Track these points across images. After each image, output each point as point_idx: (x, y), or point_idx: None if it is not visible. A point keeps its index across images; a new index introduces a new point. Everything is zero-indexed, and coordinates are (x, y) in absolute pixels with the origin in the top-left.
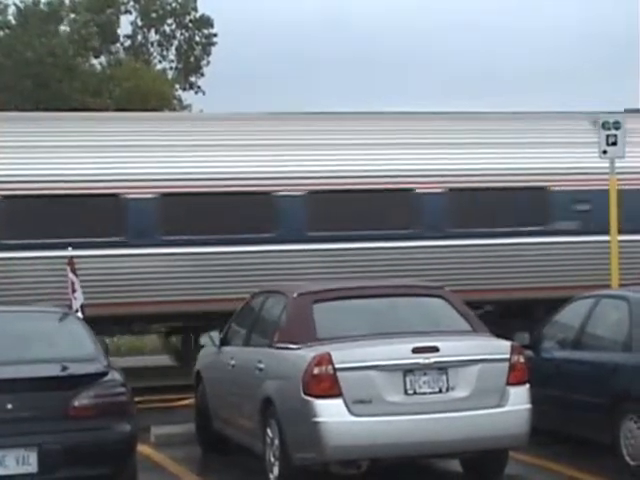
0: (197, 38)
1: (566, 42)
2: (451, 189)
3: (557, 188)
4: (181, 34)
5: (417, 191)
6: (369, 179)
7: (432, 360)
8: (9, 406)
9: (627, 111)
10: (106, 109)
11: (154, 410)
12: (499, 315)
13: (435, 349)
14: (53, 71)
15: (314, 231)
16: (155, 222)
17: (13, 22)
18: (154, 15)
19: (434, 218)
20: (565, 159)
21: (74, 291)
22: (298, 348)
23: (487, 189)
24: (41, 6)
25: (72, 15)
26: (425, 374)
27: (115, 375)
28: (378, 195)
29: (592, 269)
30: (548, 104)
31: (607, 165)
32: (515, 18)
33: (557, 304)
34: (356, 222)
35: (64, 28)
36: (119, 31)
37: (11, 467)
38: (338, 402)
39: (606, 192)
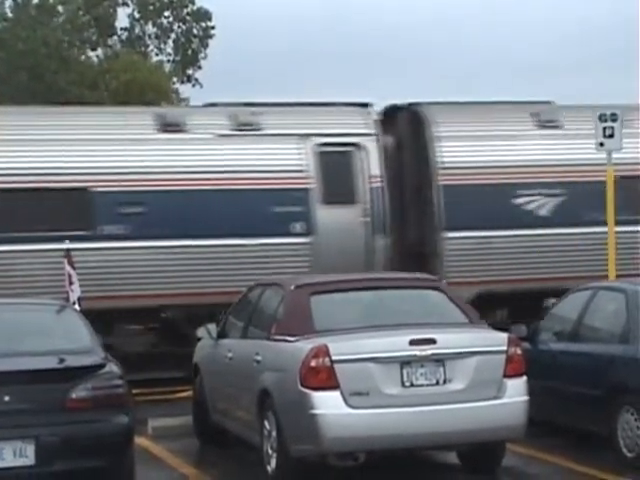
0: (195, 31)
1: (565, 35)
2: None
3: (101, 189)
4: (178, 27)
5: None
6: None
7: (429, 352)
8: (6, 398)
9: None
10: (103, 102)
11: (152, 402)
12: None
13: (432, 341)
14: (48, 63)
15: None
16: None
17: (9, 15)
18: (151, 8)
19: None
20: (112, 157)
21: (71, 284)
22: (295, 340)
23: (11, 190)
24: None
25: (64, 6)
26: (422, 366)
27: (112, 367)
28: None
29: (160, 275)
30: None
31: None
32: (513, 12)
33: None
34: None
35: (57, 19)
36: (116, 24)
37: (8, 459)
38: (335, 394)
39: (162, 193)
